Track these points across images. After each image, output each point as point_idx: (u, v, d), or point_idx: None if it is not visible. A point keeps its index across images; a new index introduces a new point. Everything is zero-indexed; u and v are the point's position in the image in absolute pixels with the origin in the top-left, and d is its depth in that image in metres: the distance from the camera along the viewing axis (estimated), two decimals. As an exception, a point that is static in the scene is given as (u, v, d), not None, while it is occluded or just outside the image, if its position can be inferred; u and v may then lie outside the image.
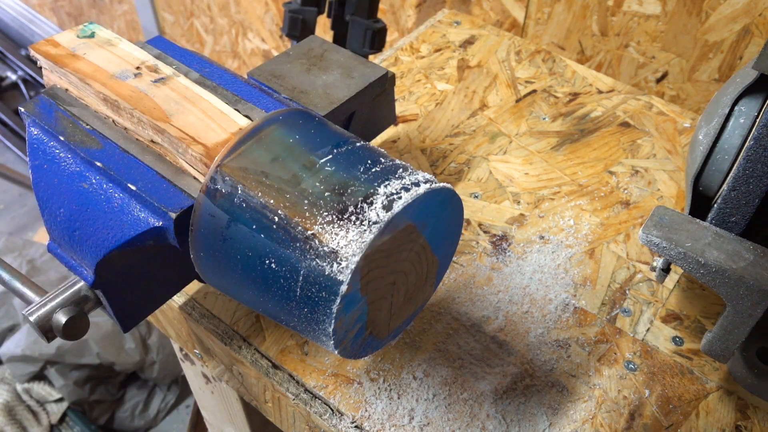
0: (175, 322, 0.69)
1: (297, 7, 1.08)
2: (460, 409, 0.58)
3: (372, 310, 0.45)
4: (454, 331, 0.63)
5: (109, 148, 0.50)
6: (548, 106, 0.88)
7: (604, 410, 0.59)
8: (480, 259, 0.70)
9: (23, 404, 1.74)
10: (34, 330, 0.49)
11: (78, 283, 0.50)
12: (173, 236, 0.47)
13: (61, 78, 0.54)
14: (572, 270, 0.69)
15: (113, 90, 0.51)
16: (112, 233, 0.47)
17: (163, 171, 0.49)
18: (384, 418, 0.57)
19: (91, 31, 0.57)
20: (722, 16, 0.93)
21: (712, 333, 0.54)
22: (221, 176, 0.45)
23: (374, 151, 0.46)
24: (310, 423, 0.59)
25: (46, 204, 0.50)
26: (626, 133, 0.85)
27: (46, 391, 1.75)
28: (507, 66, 0.94)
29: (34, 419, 1.73)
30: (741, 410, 0.59)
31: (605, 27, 1.05)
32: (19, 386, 1.76)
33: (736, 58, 0.95)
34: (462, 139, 0.83)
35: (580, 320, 0.65)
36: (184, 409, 1.89)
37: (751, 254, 0.52)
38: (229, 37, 1.88)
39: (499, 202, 0.76)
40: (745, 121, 0.57)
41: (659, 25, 0.99)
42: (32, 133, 0.52)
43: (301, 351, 0.62)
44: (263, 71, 0.63)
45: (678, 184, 0.78)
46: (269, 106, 0.52)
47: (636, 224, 0.74)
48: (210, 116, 0.49)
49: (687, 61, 1.00)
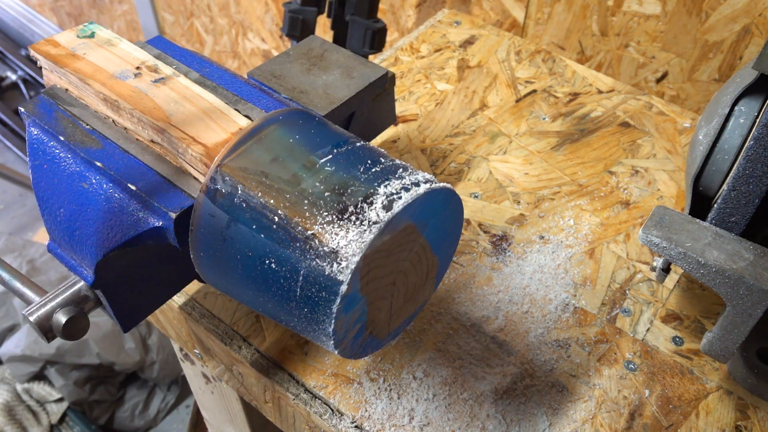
0: (175, 322, 0.69)
1: (297, 7, 1.08)
2: (460, 409, 0.58)
3: (372, 310, 0.45)
4: (454, 331, 0.63)
5: (109, 148, 0.50)
6: (548, 106, 0.88)
7: (604, 410, 0.59)
8: (480, 259, 0.70)
9: (23, 404, 1.74)
10: (34, 330, 0.49)
11: (78, 283, 0.50)
12: (173, 236, 0.47)
13: (61, 78, 0.54)
14: (572, 270, 0.69)
15: (113, 90, 0.51)
16: (112, 233, 0.47)
17: (163, 171, 0.49)
18: (384, 418, 0.57)
19: (91, 31, 0.57)
20: (722, 16, 0.93)
21: (712, 333, 0.54)
22: (221, 176, 0.44)
23: (374, 151, 0.46)
24: (310, 423, 0.59)
25: (46, 204, 0.50)
26: (626, 133, 0.85)
27: (46, 391, 1.75)
28: (507, 66, 0.94)
29: (34, 419, 1.73)
30: (741, 410, 0.59)
31: (605, 27, 1.05)
32: (19, 386, 1.76)
33: (736, 58, 0.95)
34: (462, 139, 0.83)
35: (580, 320, 0.65)
36: (184, 409, 1.89)
37: (751, 254, 0.52)
38: (229, 37, 1.88)
39: (499, 202, 0.76)
40: (745, 121, 0.57)
41: (659, 25, 0.99)
42: (32, 133, 0.52)
43: (301, 351, 0.62)
44: (263, 71, 0.63)
45: (678, 184, 0.78)
46: (269, 106, 0.52)
47: (636, 224, 0.74)
48: (210, 116, 0.49)
49: (687, 61, 1.00)
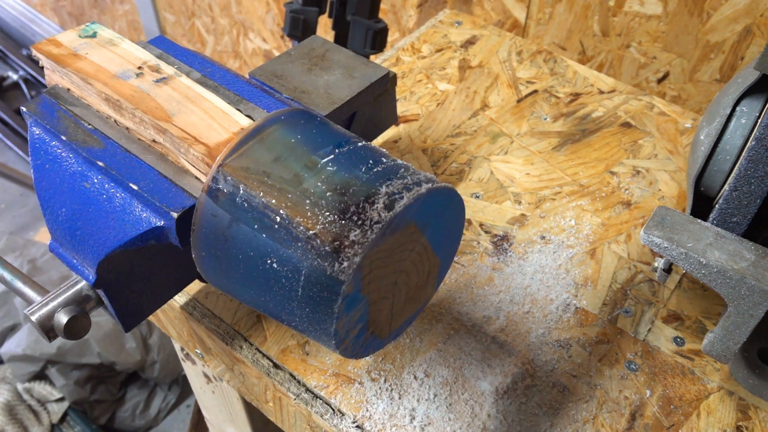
0: (176, 321, 0.69)
1: (298, 7, 1.08)
2: (461, 409, 0.58)
3: (373, 310, 0.45)
4: (455, 332, 0.63)
5: (110, 148, 0.50)
6: (549, 107, 0.88)
7: (605, 410, 0.59)
8: (481, 259, 0.70)
9: (24, 404, 1.74)
10: (36, 329, 0.49)
11: (79, 283, 0.50)
12: (175, 236, 0.47)
13: (63, 78, 0.54)
14: (573, 270, 0.69)
15: (115, 90, 0.51)
16: (113, 233, 0.47)
17: (165, 171, 0.49)
18: (385, 418, 0.57)
19: (93, 30, 0.57)
20: (723, 17, 0.93)
21: (714, 333, 0.54)
22: (223, 176, 0.45)
23: (376, 151, 0.46)
24: (311, 423, 0.59)
25: (48, 203, 0.50)
26: (627, 133, 0.85)
27: (47, 390, 1.75)
28: (508, 66, 0.94)
29: (35, 419, 1.73)
30: (742, 411, 0.59)
31: (606, 27, 1.05)
32: (20, 386, 1.76)
33: (738, 58, 0.95)
34: (463, 139, 0.83)
35: (581, 320, 0.65)
36: (185, 409, 1.89)
37: (753, 254, 0.52)
38: (230, 37, 1.88)
39: (500, 202, 0.76)
40: (747, 121, 0.57)
41: (660, 26, 0.99)
42: (34, 132, 0.52)
43: (302, 351, 0.62)
44: (265, 71, 0.63)
45: (679, 185, 0.78)
46: (271, 106, 0.52)
47: (637, 224, 0.74)
48: (212, 116, 0.49)
49: (688, 62, 1.00)
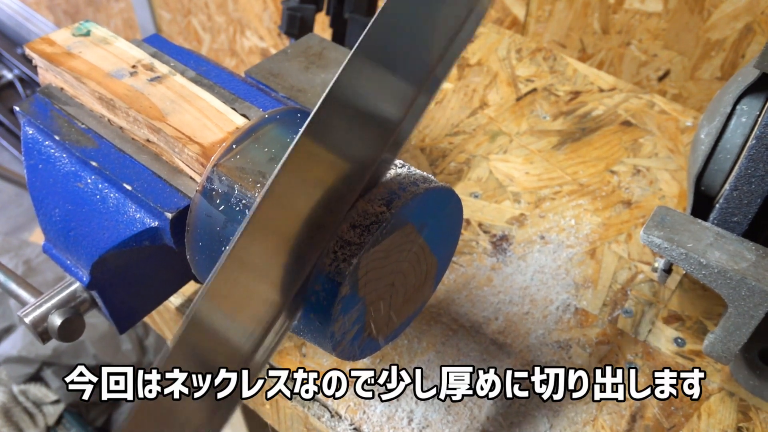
0: (171, 323, 0.69)
1: (295, 5, 1.07)
2: (460, 411, 0.58)
3: (370, 311, 0.44)
4: (453, 333, 0.63)
5: (104, 148, 0.50)
6: (549, 105, 0.88)
7: (606, 412, 0.58)
8: (480, 259, 0.69)
9: (19, 406, 1.73)
10: (30, 331, 0.49)
11: (73, 284, 0.50)
12: (169, 237, 0.46)
13: (57, 77, 0.53)
14: (573, 270, 0.69)
15: (109, 89, 0.50)
16: (107, 234, 0.47)
17: (159, 171, 0.48)
18: (383, 421, 0.57)
19: (87, 29, 0.56)
20: (724, 14, 0.93)
21: (714, 334, 0.54)
22: (218, 176, 0.44)
23: (373, 151, 0.45)
24: (308, 425, 0.59)
25: (41, 204, 0.50)
26: (628, 132, 0.84)
27: (42, 392, 1.75)
28: (507, 64, 0.94)
29: (31, 421, 1.72)
30: (743, 411, 0.59)
31: (607, 25, 1.05)
32: (16, 388, 1.75)
33: (739, 56, 0.95)
34: (462, 138, 0.83)
35: (581, 321, 0.64)
36: (182, 410, 1.88)
37: (753, 255, 0.51)
38: (226, 35, 1.88)
39: (499, 201, 0.75)
40: (747, 120, 0.56)
41: (661, 23, 0.99)
42: (27, 132, 0.51)
43: (299, 352, 0.61)
44: (261, 69, 0.63)
45: (680, 184, 0.78)
46: (267, 105, 0.52)
47: (637, 224, 0.73)
48: (206, 115, 0.49)
49: (689, 60, 1.00)
